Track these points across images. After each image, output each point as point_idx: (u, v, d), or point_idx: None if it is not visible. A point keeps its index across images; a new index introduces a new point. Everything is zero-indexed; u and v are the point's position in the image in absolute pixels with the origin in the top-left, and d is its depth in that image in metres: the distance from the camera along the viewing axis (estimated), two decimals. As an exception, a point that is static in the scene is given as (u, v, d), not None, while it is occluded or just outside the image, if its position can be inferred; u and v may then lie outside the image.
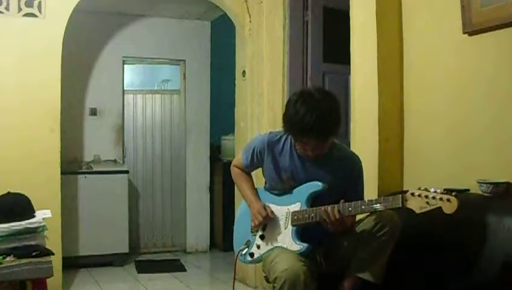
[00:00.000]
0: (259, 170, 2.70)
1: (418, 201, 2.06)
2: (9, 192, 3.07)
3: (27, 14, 4.20)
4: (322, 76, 4.28)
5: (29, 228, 2.82)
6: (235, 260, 2.62)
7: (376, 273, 2.32)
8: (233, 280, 2.79)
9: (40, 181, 4.16)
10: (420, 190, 2.07)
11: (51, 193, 4.23)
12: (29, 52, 4.23)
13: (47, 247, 2.82)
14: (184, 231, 6.36)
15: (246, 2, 4.84)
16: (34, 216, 2.94)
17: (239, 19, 4.93)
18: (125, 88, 6.19)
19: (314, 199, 2.41)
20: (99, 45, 5.88)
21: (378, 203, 2.18)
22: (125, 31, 6.02)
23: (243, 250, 2.57)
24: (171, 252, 6.31)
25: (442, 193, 2.01)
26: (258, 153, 2.57)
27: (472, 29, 2.62)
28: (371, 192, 2.85)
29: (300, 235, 2.41)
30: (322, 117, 2.24)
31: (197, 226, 6.36)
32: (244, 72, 4.97)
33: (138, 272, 5.31)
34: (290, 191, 2.49)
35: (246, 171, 2.71)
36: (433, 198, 2.02)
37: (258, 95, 4.68)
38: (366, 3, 3.12)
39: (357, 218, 2.46)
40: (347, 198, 2.35)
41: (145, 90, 6.46)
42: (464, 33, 2.66)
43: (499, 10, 2.48)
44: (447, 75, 2.83)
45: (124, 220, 5.58)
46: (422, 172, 2.95)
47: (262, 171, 2.64)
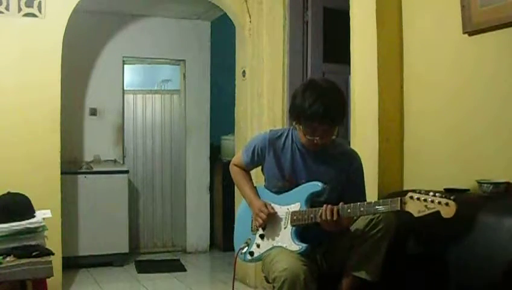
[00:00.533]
0: (259, 169, 2.70)
1: (417, 204, 2.07)
2: (9, 192, 3.07)
3: (27, 14, 4.20)
4: (322, 76, 4.28)
5: (29, 228, 2.82)
6: (235, 259, 2.62)
7: (371, 271, 2.32)
8: (233, 279, 2.80)
9: (40, 181, 4.16)
10: (419, 193, 2.07)
11: (51, 193, 4.22)
12: (29, 52, 4.22)
13: (47, 247, 2.83)
14: (184, 231, 6.36)
15: (246, 2, 4.84)
16: (34, 216, 2.94)
17: (239, 19, 4.93)
18: (125, 88, 6.19)
19: (314, 198, 2.42)
20: (99, 45, 5.88)
21: (377, 206, 2.18)
22: (125, 31, 6.02)
23: (243, 248, 2.58)
24: (171, 252, 6.30)
25: (440, 197, 2.01)
26: (259, 150, 2.58)
27: (472, 29, 2.62)
28: (371, 192, 2.85)
29: (299, 235, 2.42)
30: (330, 102, 2.32)
31: (197, 226, 6.36)
32: (244, 72, 4.96)
33: (138, 272, 5.31)
34: (289, 191, 2.49)
35: (245, 169, 2.72)
36: (432, 202, 2.03)
37: (258, 95, 4.68)
38: (366, 3, 3.12)
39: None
40: (348, 194, 2.38)
41: (145, 90, 6.46)
42: (464, 33, 2.66)
43: (498, 10, 2.48)
44: (447, 75, 2.83)
45: (124, 220, 5.58)
46: (422, 172, 2.95)
47: (262, 169, 2.65)
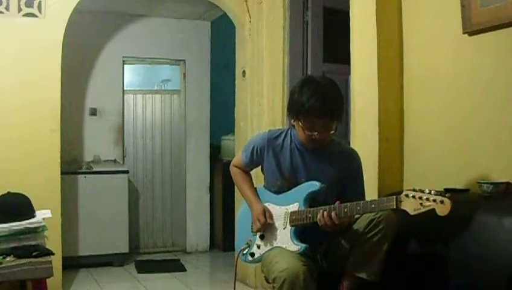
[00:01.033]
0: (259, 169, 2.70)
1: (412, 203, 2.06)
2: (9, 192, 3.06)
3: (27, 14, 4.20)
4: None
5: (29, 228, 2.82)
6: (236, 260, 2.63)
7: (372, 271, 2.31)
8: (234, 280, 2.80)
9: (40, 181, 4.15)
10: (415, 191, 2.07)
11: (51, 193, 4.21)
12: (29, 52, 4.22)
13: (47, 247, 2.82)
14: (184, 231, 6.36)
15: (246, 2, 4.84)
16: (34, 216, 2.94)
17: (239, 19, 4.93)
18: (125, 88, 6.18)
19: (312, 198, 2.42)
20: (99, 45, 5.88)
21: (373, 205, 2.19)
22: (125, 31, 6.01)
23: (244, 250, 2.58)
24: (171, 252, 6.30)
25: (436, 195, 2.01)
26: (258, 150, 2.59)
27: (472, 29, 2.62)
28: (371, 191, 2.85)
29: (299, 235, 2.41)
30: (328, 95, 2.35)
31: (197, 226, 6.36)
32: (244, 72, 4.96)
33: (138, 272, 5.31)
34: (288, 190, 2.49)
35: (245, 170, 2.72)
36: (427, 199, 2.02)
37: (258, 95, 4.68)
38: (366, 3, 3.12)
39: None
40: (347, 193, 2.39)
41: (145, 90, 6.46)
42: (464, 33, 2.66)
43: (498, 10, 2.48)
44: (447, 75, 2.83)
45: (124, 220, 5.58)
46: (422, 171, 2.95)
47: (262, 169, 2.65)
